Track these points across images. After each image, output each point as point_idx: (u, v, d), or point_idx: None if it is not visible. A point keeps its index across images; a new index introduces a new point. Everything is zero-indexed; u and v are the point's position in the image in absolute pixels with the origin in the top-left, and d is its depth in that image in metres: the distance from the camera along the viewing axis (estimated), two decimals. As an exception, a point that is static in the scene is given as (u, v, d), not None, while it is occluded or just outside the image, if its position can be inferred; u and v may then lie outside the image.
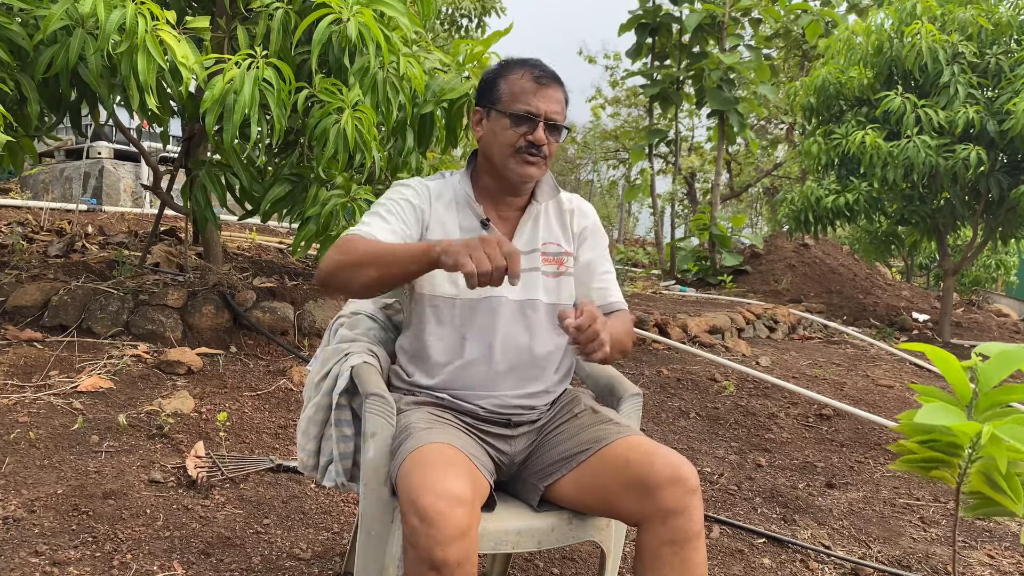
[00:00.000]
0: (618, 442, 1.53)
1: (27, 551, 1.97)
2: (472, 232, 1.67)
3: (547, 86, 1.64)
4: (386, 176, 4.24)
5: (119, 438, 2.68)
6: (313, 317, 3.97)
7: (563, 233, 1.77)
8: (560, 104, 1.65)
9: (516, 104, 1.63)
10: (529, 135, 1.62)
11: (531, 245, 1.72)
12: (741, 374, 4.43)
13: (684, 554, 1.43)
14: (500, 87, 1.67)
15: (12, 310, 3.59)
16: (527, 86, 1.64)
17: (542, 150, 1.63)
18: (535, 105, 1.62)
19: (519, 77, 1.65)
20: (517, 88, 1.64)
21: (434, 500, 1.30)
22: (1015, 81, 6.08)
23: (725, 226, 10.33)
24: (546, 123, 1.63)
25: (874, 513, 2.91)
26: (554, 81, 1.65)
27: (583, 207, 1.83)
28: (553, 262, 1.73)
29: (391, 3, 3.30)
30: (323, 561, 2.13)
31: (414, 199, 1.68)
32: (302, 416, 1.75)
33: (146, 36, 2.85)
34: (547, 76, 1.65)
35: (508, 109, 1.64)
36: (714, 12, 9.50)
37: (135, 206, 7.82)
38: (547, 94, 1.63)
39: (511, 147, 1.64)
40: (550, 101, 1.63)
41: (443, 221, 1.68)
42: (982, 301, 11.29)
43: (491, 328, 1.64)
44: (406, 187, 1.71)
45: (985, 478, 1.45)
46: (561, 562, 2.32)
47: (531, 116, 1.62)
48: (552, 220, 1.77)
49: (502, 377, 1.65)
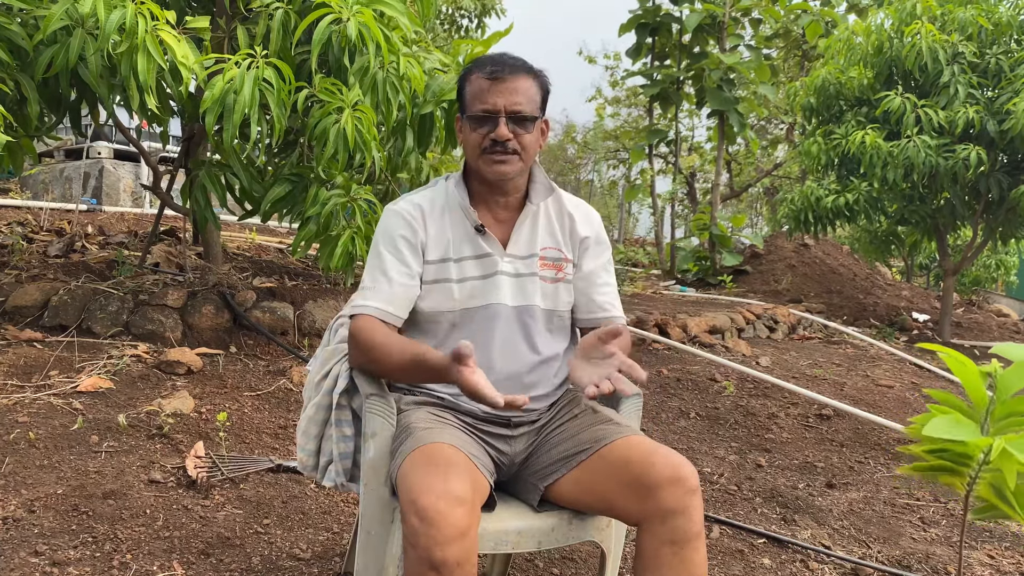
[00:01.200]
0: (618, 442, 1.53)
1: (27, 551, 1.97)
2: (468, 239, 1.66)
3: (504, 80, 1.57)
4: (386, 176, 4.24)
5: (119, 438, 2.68)
6: (313, 317, 3.97)
7: (563, 238, 1.73)
8: (523, 94, 1.58)
9: (475, 105, 1.60)
10: (491, 134, 1.58)
11: (529, 249, 1.69)
12: (741, 374, 4.43)
13: (684, 554, 1.43)
14: (465, 91, 1.64)
15: (12, 310, 3.59)
16: (483, 84, 1.59)
17: (508, 146, 1.58)
18: (491, 102, 1.57)
19: (476, 77, 1.61)
20: (476, 88, 1.61)
21: (434, 500, 1.30)
22: (1015, 81, 6.08)
23: (725, 226, 10.33)
24: (508, 116, 1.57)
25: (874, 513, 2.91)
26: (513, 72, 1.58)
27: (588, 214, 1.78)
28: (551, 267, 1.70)
29: (391, 3, 3.30)
30: (323, 561, 2.13)
31: (407, 232, 1.64)
32: (302, 416, 1.75)
33: (146, 36, 2.85)
34: (503, 68, 1.58)
35: (469, 111, 1.61)
36: (714, 12, 9.50)
37: (135, 206, 7.82)
38: (504, 87, 1.57)
39: (478, 148, 1.61)
40: (508, 93, 1.57)
41: (437, 234, 1.66)
42: (982, 301, 11.28)
43: (490, 335, 1.64)
44: (397, 218, 1.66)
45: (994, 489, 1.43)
46: (561, 562, 2.32)
47: (488, 114, 1.57)
48: (553, 223, 1.73)
49: (502, 383, 1.63)
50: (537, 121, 1.62)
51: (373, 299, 1.60)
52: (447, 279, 1.65)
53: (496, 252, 1.66)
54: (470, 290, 1.65)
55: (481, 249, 1.66)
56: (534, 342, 1.67)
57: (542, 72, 1.66)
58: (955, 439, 1.35)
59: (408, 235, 1.64)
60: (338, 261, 3.48)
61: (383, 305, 1.59)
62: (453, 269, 1.65)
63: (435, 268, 1.65)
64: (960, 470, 1.44)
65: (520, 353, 1.66)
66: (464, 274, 1.65)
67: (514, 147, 1.59)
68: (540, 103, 1.63)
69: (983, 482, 1.43)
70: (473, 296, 1.65)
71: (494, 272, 1.65)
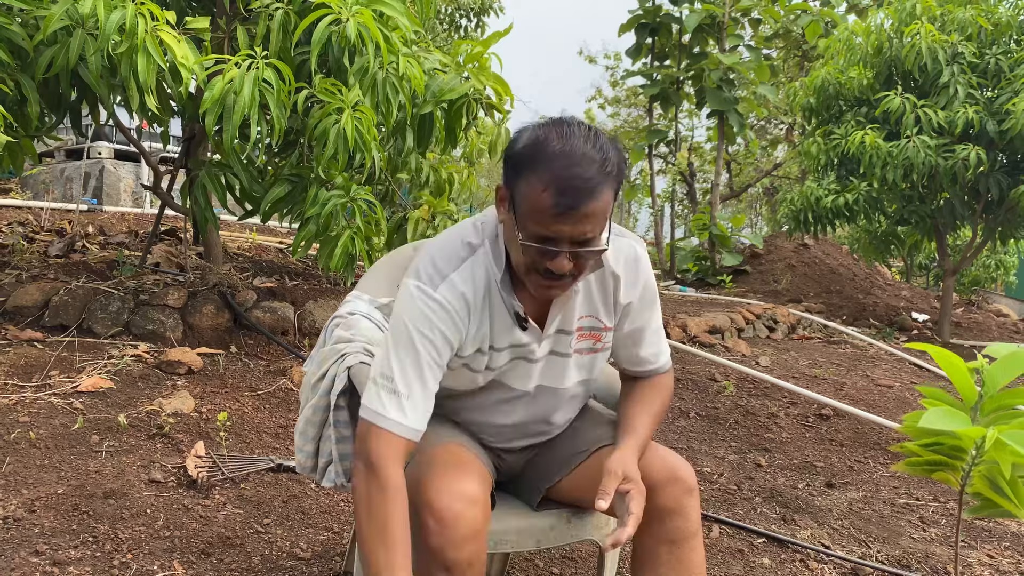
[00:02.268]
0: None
1: (27, 551, 1.97)
2: (506, 329, 1.44)
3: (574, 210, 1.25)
4: (386, 176, 4.24)
5: (119, 438, 2.69)
6: (313, 317, 3.97)
7: (603, 304, 1.49)
8: (594, 218, 1.26)
9: (532, 225, 1.27)
10: (548, 262, 1.29)
11: (565, 326, 1.47)
12: (741, 374, 4.43)
13: (680, 553, 1.43)
14: (520, 186, 1.29)
15: (12, 310, 3.60)
16: (546, 206, 1.25)
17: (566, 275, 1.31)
18: (556, 230, 1.26)
19: (540, 189, 1.25)
20: (535, 204, 1.26)
21: (450, 501, 1.30)
22: (1015, 81, 6.09)
23: (725, 226, 10.34)
24: (573, 244, 1.28)
25: (874, 513, 2.91)
26: (589, 196, 1.24)
27: (634, 270, 1.49)
28: (588, 337, 1.50)
29: (390, 3, 3.30)
30: (323, 561, 2.13)
31: (450, 332, 1.38)
32: (299, 417, 1.75)
33: (146, 36, 2.85)
34: (577, 201, 1.24)
35: (523, 226, 1.29)
36: (714, 12, 9.50)
37: (135, 206, 7.82)
38: (575, 216, 1.25)
39: (527, 268, 1.33)
40: (579, 222, 1.25)
41: (477, 329, 1.42)
42: (982, 301, 11.29)
43: (508, 411, 1.55)
44: (441, 312, 1.37)
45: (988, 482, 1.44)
46: (561, 561, 2.32)
47: (549, 242, 1.28)
48: (592, 289, 1.47)
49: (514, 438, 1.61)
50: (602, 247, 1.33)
51: (405, 416, 1.34)
52: (475, 369, 1.47)
53: (534, 339, 1.46)
54: (496, 375, 1.50)
55: (519, 340, 1.45)
56: (554, 416, 1.58)
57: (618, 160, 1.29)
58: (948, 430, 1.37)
59: (450, 335, 1.38)
60: (338, 261, 3.49)
61: (417, 425, 1.35)
62: (484, 359, 1.46)
63: (466, 359, 1.45)
64: (954, 464, 1.46)
65: (540, 420, 1.58)
66: (494, 364, 1.47)
67: (572, 273, 1.32)
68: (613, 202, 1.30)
69: (977, 475, 1.44)
70: (500, 378, 1.50)
71: (528, 358, 1.48)
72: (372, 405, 1.34)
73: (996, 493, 1.43)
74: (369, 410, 1.34)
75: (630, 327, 1.53)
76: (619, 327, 1.53)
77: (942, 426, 1.34)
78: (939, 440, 1.45)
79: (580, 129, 1.28)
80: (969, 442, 1.39)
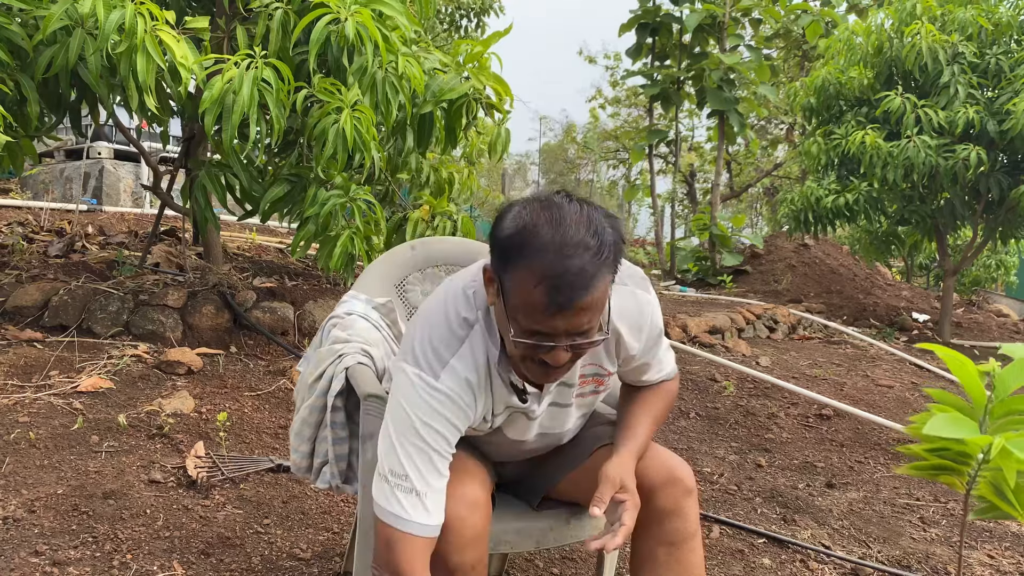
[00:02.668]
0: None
1: (27, 551, 1.97)
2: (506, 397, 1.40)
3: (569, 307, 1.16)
4: (386, 176, 4.24)
5: (119, 438, 2.68)
6: (313, 317, 3.97)
7: (607, 354, 1.44)
8: (591, 310, 1.18)
9: (525, 320, 1.19)
10: (545, 356, 1.22)
11: (567, 379, 1.42)
12: (741, 374, 4.43)
13: (679, 555, 1.43)
14: (510, 278, 1.20)
15: (12, 310, 3.59)
16: (539, 302, 1.16)
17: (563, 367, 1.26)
18: (551, 326, 1.18)
19: (532, 284, 1.16)
20: (527, 299, 1.17)
21: (453, 505, 1.30)
22: (1015, 81, 6.08)
23: (725, 226, 10.34)
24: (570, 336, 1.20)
25: (874, 513, 2.91)
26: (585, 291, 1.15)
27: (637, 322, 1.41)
28: (591, 382, 1.47)
29: (389, 3, 3.30)
30: (323, 561, 2.13)
31: (460, 423, 1.33)
32: (295, 417, 1.74)
33: (145, 36, 2.85)
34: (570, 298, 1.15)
35: (514, 318, 1.21)
36: (714, 12, 9.50)
37: (135, 206, 7.81)
38: (569, 312, 1.17)
39: (522, 357, 1.26)
40: (575, 316, 1.17)
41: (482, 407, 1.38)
42: (982, 301, 11.28)
43: (510, 453, 1.56)
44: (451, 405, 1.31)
45: (994, 488, 1.43)
46: (561, 562, 2.32)
47: (544, 337, 1.20)
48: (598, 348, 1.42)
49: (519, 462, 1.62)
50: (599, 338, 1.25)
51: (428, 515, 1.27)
52: (476, 433, 1.46)
53: (534, 401, 1.42)
54: (497, 430, 1.47)
55: (519, 405, 1.42)
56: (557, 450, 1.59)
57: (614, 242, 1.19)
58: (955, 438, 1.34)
59: (459, 423, 1.33)
60: (337, 261, 3.48)
61: (439, 519, 1.28)
62: (486, 424, 1.43)
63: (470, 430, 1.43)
64: (960, 469, 1.45)
65: (540, 462, 1.60)
66: (496, 423, 1.45)
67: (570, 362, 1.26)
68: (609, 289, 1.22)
69: (983, 481, 1.43)
70: (499, 431, 1.48)
71: (527, 415, 1.45)
72: (392, 509, 1.26)
73: (1001, 499, 1.42)
74: (390, 514, 1.26)
75: (636, 363, 1.48)
76: (623, 365, 1.48)
77: (948, 433, 1.32)
78: (944, 445, 1.43)
79: (571, 209, 1.18)
80: (975, 448, 1.38)
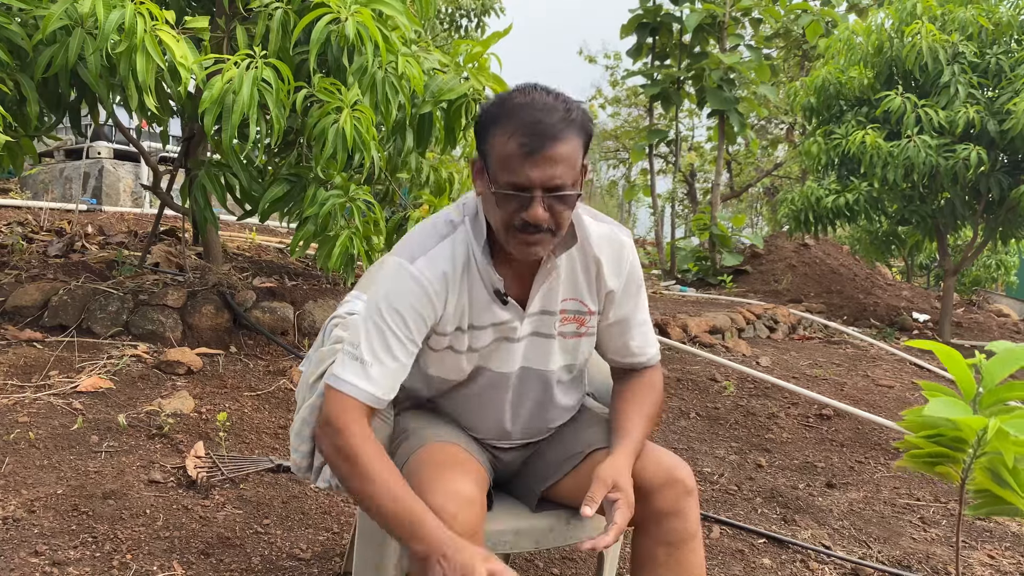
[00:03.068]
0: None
1: (27, 551, 1.97)
2: (487, 306, 1.44)
3: (540, 151, 1.27)
4: (385, 176, 4.23)
5: (119, 438, 2.68)
6: (313, 317, 3.97)
7: (588, 287, 1.50)
8: (564, 164, 1.28)
9: (502, 175, 1.30)
10: (523, 212, 1.30)
11: (549, 306, 1.47)
12: (741, 374, 4.43)
13: (679, 555, 1.43)
14: (489, 143, 1.33)
15: (12, 310, 3.59)
16: (513, 151, 1.28)
17: (542, 226, 1.31)
18: (525, 175, 1.28)
19: (506, 137, 1.29)
20: (503, 152, 1.29)
21: (444, 501, 1.29)
22: (1015, 81, 6.08)
23: (725, 226, 10.33)
24: (545, 192, 1.29)
25: (874, 513, 2.90)
26: (553, 140, 1.27)
27: (617, 257, 1.50)
28: (573, 321, 1.50)
29: (390, 2, 3.29)
30: (323, 561, 2.13)
31: (425, 310, 1.40)
32: (296, 417, 1.74)
33: (145, 36, 2.85)
34: (541, 140, 1.27)
35: (495, 179, 1.32)
36: (714, 12, 9.50)
37: (135, 206, 7.81)
38: (541, 159, 1.27)
39: (505, 224, 1.33)
40: (546, 166, 1.27)
41: (456, 305, 1.43)
42: (982, 301, 11.28)
43: (501, 396, 1.54)
44: (417, 288, 1.38)
45: (991, 474, 1.45)
46: (561, 562, 2.32)
47: (521, 190, 1.29)
48: (577, 273, 1.48)
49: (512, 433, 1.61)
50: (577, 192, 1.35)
51: (367, 382, 1.36)
52: (458, 350, 1.48)
53: (515, 317, 1.46)
54: (481, 358, 1.50)
55: (500, 318, 1.46)
56: (546, 400, 1.58)
57: (583, 113, 1.33)
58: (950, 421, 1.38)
59: (428, 313, 1.40)
60: (336, 261, 3.48)
61: (378, 392, 1.37)
62: (466, 339, 1.47)
63: (448, 338, 1.47)
64: (955, 455, 1.47)
65: (533, 412, 1.58)
66: (477, 343, 1.48)
67: (549, 226, 1.32)
68: (582, 157, 1.34)
69: (979, 468, 1.45)
70: (484, 362, 1.51)
71: (510, 338, 1.49)
72: (335, 369, 1.40)
73: (999, 486, 1.43)
74: (331, 375, 1.40)
75: (615, 316, 1.54)
76: (604, 315, 1.53)
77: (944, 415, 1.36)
78: (940, 431, 1.46)
79: (542, 88, 1.34)
80: (971, 432, 1.41)
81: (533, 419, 1.58)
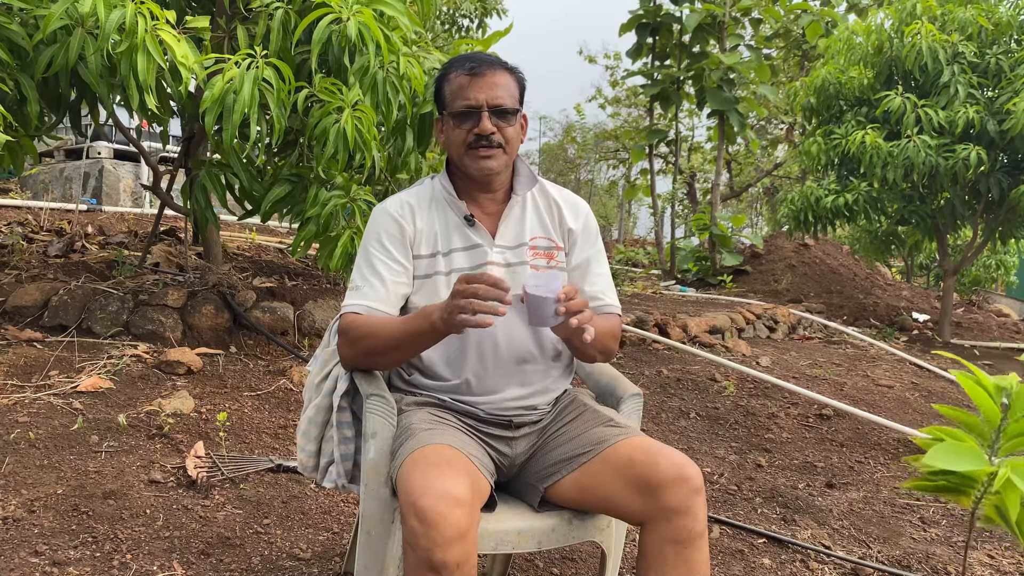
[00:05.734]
0: (621, 443, 1.53)
1: (27, 551, 1.97)
2: (457, 231, 1.68)
3: (483, 75, 1.62)
4: (386, 176, 4.23)
5: (119, 438, 2.68)
6: (313, 317, 3.97)
7: (552, 225, 1.75)
8: (503, 88, 1.63)
9: (456, 101, 1.63)
10: (475, 128, 1.61)
11: (518, 239, 1.71)
12: (741, 374, 4.43)
13: (687, 553, 1.43)
14: (444, 91, 1.67)
15: (12, 310, 3.59)
16: (462, 81, 1.63)
17: (492, 139, 1.62)
18: (473, 97, 1.61)
19: (455, 75, 1.64)
20: (455, 85, 1.64)
21: (433, 501, 1.30)
22: (1015, 81, 6.08)
23: (725, 226, 10.33)
24: (490, 110, 1.61)
25: (874, 513, 2.91)
26: (491, 67, 1.63)
27: (575, 203, 1.79)
28: (543, 255, 1.71)
29: (391, 3, 3.29)
30: (323, 561, 2.13)
31: (395, 230, 1.66)
32: (302, 417, 1.75)
33: (146, 36, 2.84)
34: (481, 64, 1.63)
35: (451, 109, 1.64)
36: (714, 12, 9.50)
37: (135, 206, 7.81)
38: (484, 82, 1.61)
39: (462, 144, 1.64)
40: (489, 88, 1.61)
41: (427, 228, 1.68)
42: (982, 301, 11.28)
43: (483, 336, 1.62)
44: (385, 216, 1.68)
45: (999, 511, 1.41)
46: (561, 562, 2.32)
47: (471, 109, 1.61)
48: (541, 213, 1.75)
49: (503, 377, 1.64)
50: (518, 114, 1.66)
51: (364, 298, 1.61)
52: (437, 272, 1.66)
53: (485, 242, 1.68)
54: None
55: (470, 240, 1.68)
56: (529, 345, 1.67)
57: (517, 68, 1.70)
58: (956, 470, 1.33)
59: (397, 233, 1.66)
60: (337, 261, 3.48)
61: (375, 304, 1.61)
62: (442, 262, 1.67)
63: (425, 263, 1.67)
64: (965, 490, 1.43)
65: (521, 339, 1.66)
66: (453, 266, 1.66)
67: (498, 140, 1.62)
68: (519, 97, 1.68)
69: (988, 504, 1.41)
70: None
71: (484, 263, 1.66)
72: (344, 303, 1.64)
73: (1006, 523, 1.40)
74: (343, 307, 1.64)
75: (576, 259, 1.75)
76: (570, 256, 1.75)
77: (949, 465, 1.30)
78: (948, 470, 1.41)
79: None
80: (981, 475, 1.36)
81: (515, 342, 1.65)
